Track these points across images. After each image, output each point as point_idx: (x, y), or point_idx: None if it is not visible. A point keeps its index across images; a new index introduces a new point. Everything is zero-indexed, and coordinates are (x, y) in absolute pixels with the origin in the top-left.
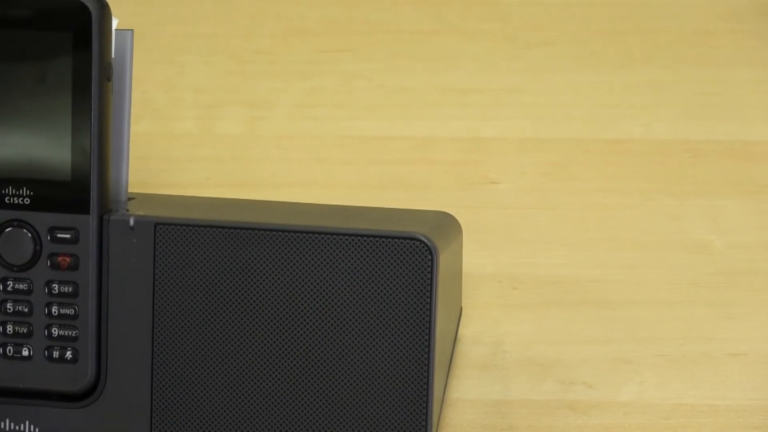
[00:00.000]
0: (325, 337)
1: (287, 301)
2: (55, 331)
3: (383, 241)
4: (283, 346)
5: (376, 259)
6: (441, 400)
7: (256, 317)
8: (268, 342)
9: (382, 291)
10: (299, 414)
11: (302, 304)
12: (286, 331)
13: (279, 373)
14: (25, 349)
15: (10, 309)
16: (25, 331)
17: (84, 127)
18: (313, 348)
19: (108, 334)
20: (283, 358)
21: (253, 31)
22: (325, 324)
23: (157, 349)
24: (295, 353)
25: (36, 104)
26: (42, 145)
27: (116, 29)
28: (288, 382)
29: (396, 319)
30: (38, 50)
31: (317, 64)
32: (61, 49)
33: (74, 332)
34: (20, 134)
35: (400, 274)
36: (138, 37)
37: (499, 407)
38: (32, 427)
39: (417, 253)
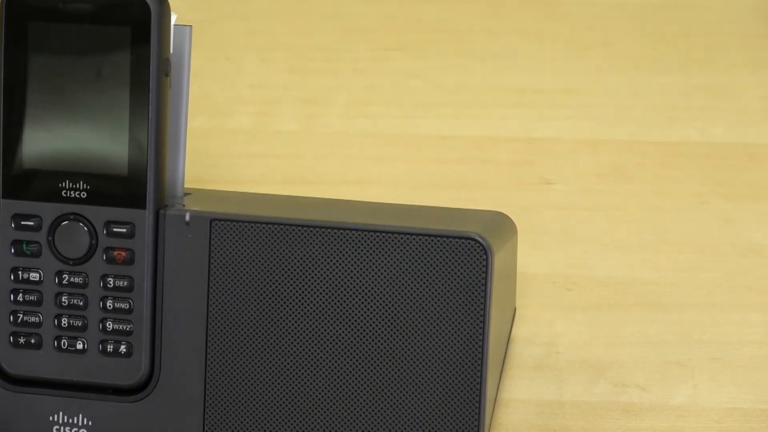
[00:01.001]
0: (378, 335)
1: (341, 299)
2: (109, 325)
3: (438, 240)
4: (336, 344)
5: (431, 258)
6: (494, 400)
7: (310, 315)
8: (322, 340)
9: (436, 290)
10: (351, 412)
11: (356, 302)
12: (340, 329)
13: (331, 371)
14: (79, 342)
15: (65, 302)
16: (79, 324)
17: (141, 121)
18: (365, 346)
19: (162, 328)
20: (335, 356)
21: (311, 28)
22: (379, 322)
23: (210, 344)
24: (347, 351)
25: (94, 98)
26: (99, 139)
27: (175, 24)
28: (340, 381)
29: (450, 319)
30: (97, 44)
31: (374, 62)
32: (120, 43)
33: (128, 326)
34: (78, 128)
35: (455, 273)
36: (196, 33)
37: (552, 408)
38: (85, 420)
39: (472, 252)
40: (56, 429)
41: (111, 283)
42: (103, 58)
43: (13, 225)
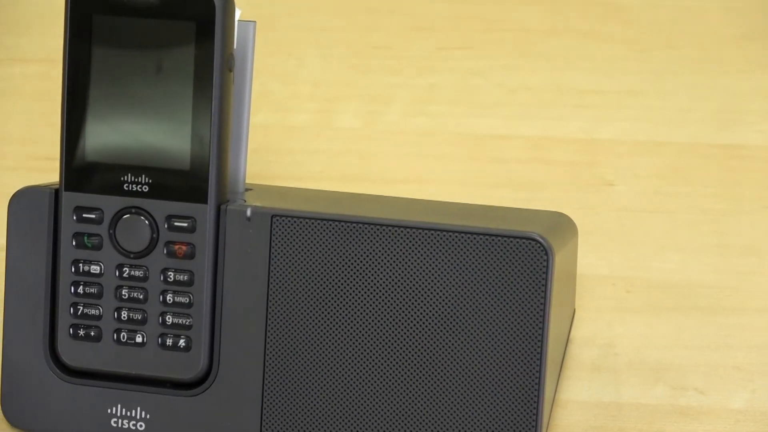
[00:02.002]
0: (437, 334)
1: (400, 297)
2: (169, 318)
3: (499, 240)
4: (394, 342)
5: (491, 258)
6: (551, 400)
7: (369, 312)
8: (380, 338)
9: (496, 290)
10: (408, 411)
11: (415, 301)
12: (398, 327)
13: (389, 369)
14: (138, 335)
15: (125, 295)
16: (139, 317)
17: (204, 116)
18: (423, 344)
19: (221, 323)
20: (393, 354)
21: (373, 26)
22: (437, 321)
23: (270, 340)
24: (405, 349)
25: (157, 92)
26: (162, 134)
27: (239, 20)
28: (397, 379)
29: (509, 319)
30: (162, 39)
31: (436, 60)
32: (184, 38)
33: (188, 321)
34: (140, 122)
35: (515, 273)
36: (258, 29)
37: (610, 410)
38: (143, 413)
39: (533, 252)
40: (114, 422)
41: (171, 277)
42: (167, 53)
43: (74, 217)
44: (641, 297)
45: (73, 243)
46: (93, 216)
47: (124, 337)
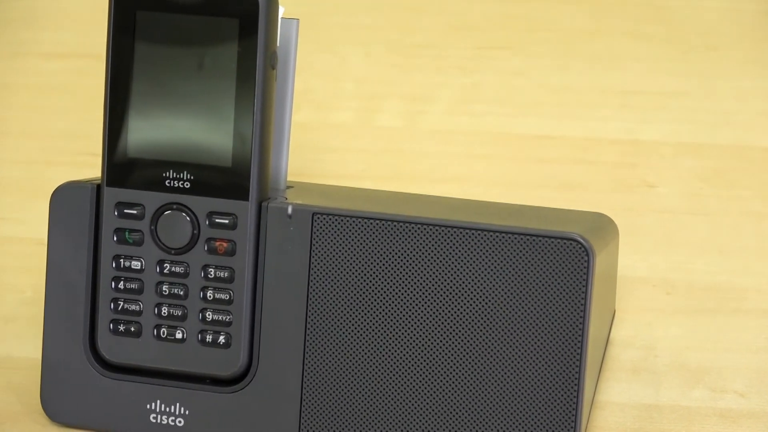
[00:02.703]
0: (476, 333)
1: (440, 296)
2: (209, 315)
3: (540, 240)
4: (433, 341)
5: (532, 258)
6: (590, 402)
7: (409, 311)
8: (419, 337)
9: (536, 290)
10: (446, 411)
11: (455, 300)
12: (438, 326)
13: (428, 368)
14: (178, 331)
15: (165, 291)
16: (179, 313)
17: (247, 113)
18: (463, 344)
19: (261, 320)
20: (432, 353)
21: (415, 24)
22: (477, 320)
23: (309, 337)
24: (444, 349)
25: (199, 89)
26: (204, 130)
27: (282, 18)
28: (436, 379)
29: (549, 319)
30: (205, 36)
31: (478, 60)
32: (227, 35)
33: (228, 317)
34: (182, 118)
35: (556, 274)
36: (301, 27)
37: (649, 412)
38: (182, 409)
39: (574, 253)
40: (153, 417)
41: (212, 273)
42: (210, 50)
43: (116, 213)
44: (682, 299)
45: (115, 238)
46: (134, 212)
47: (164, 333)
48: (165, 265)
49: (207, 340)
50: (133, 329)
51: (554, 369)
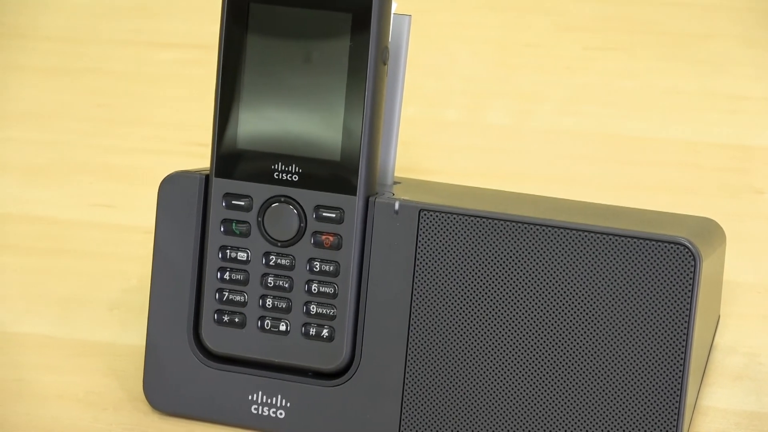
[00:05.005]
0: (580, 334)
1: (545, 296)
2: (313, 308)
3: (646, 244)
4: (536, 341)
5: (638, 261)
6: (693, 407)
7: (513, 310)
8: (523, 337)
9: (641, 293)
10: (547, 411)
11: (559, 301)
12: (541, 326)
13: (530, 368)
14: (282, 323)
15: (270, 283)
16: (284, 306)
17: (356, 108)
18: (566, 345)
19: (365, 315)
20: (535, 353)
21: (523, 24)
22: (581, 322)
23: (412, 333)
24: (547, 349)
25: (310, 82)
26: (313, 124)
27: (395, 13)
28: (537, 379)
29: (653, 323)
30: (317, 29)
31: (586, 60)
32: (340, 29)
33: (332, 311)
34: (292, 111)
35: (661, 277)
36: (412, 23)
37: (751, 419)
38: (284, 401)
39: (680, 257)
40: (254, 408)
41: (317, 266)
42: (322, 44)
43: (223, 204)
44: None
45: (221, 229)
46: (242, 203)
47: (267, 325)
48: (271, 257)
49: (310, 333)
50: (237, 320)
51: (657, 372)
